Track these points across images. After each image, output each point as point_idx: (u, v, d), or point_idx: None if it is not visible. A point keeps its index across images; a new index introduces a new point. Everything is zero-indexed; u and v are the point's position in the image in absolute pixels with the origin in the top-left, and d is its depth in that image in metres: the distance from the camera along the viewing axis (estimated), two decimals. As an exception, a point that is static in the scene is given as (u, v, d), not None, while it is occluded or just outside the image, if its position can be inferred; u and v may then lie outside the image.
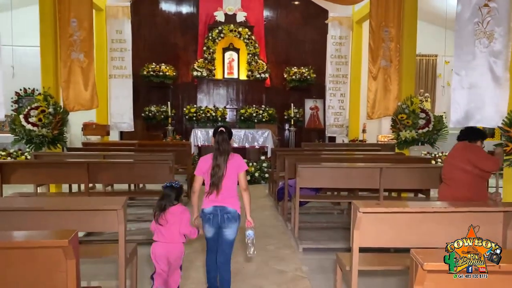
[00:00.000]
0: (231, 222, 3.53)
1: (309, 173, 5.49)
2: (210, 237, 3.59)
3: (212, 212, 3.52)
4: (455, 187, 3.83)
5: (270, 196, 8.54)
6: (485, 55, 4.90)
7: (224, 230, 3.53)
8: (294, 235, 5.61)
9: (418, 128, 7.61)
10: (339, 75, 11.37)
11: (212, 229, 3.55)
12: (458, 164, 3.82)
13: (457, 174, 3.82)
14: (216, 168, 3.45)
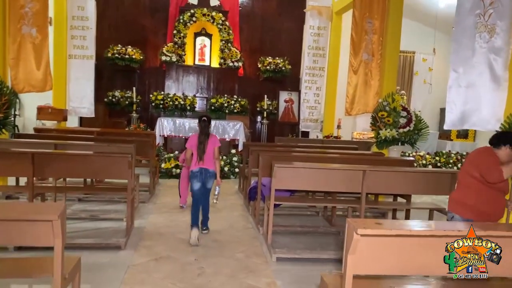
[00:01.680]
0: (210, 178, 5.23)
1: (287, 174, 4.94)
2: (197, 189, 5.21)
3: (198, 171, 5.17)
4: (464, 193, 3.49)
5: (240, 193, 7.96)
6: (485, 51, 4.46)
7: (206, 183, 5.22)
8: (267, 242, 5.05)
9: (398, 127, 7.21)
10: (315, 68, 10.86)
11: (198, 183, 5.19)
12: (469, 168, 3.47)
13: (468, 180, 3.46)
14: (201, 145, 5.15)
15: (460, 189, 3.56)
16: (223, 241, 5.21)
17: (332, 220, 6.05)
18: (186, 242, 5.05)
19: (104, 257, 4.46)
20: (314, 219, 6.41)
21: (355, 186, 5.07)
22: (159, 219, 6.04)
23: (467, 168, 3.49)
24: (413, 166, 6.14)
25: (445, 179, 5.13)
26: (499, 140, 3.42)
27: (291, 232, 5.63)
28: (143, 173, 8.61)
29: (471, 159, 3.51)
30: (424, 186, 5.15)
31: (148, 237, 5.21)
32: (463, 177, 3.51)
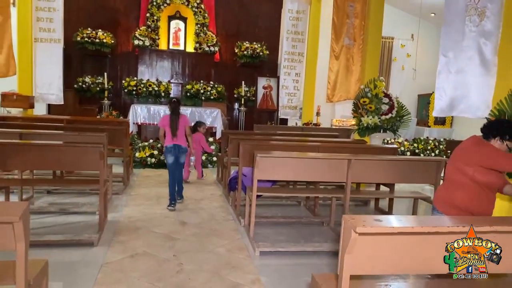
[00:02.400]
0: (183, 153, 5.97)
1: (269, 164, 4.71)
2: (171, 162, 5.95)
3: (172, 147, 5.88)
4: (453, 192, 3.08)
5: (219, 184, 7.70)
6: (474, 35, 4.31)
7: (179, 158, 5.96)
8: (249, 235, 4.83)
9: (380, 114, 7.07)
10: (294, 53, 10.60)
11: (172, 157, 5.91)
12: (460, 165, 3.03)
13: (458, 178, 3.04)
14: (173, 123, 5.84)
15: (448, 187, 3.14)
16: (203, 234, 4.96)
17: (315, 210, 5.88)
18: (164, 237, 4.78)
19: (75, 255, 4.15)
20: (296, 209, 6.24)
21: (339, 176, 4.89)
22: (134, 212, 5.73)
23: (457, 164, 3.05)
24: (396, 154, 6.01)
25: (431, 167, 5.01)
26: (490, 131, 3.01)
27: (273, 223, 5.44)
28: (117, 163, 8.24)
29: (462, 155, 3.04)
30: (410, 175, 5.01)
31: (122, 231, 4.91)
32: (453, 174, 3.09)
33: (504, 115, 4.14)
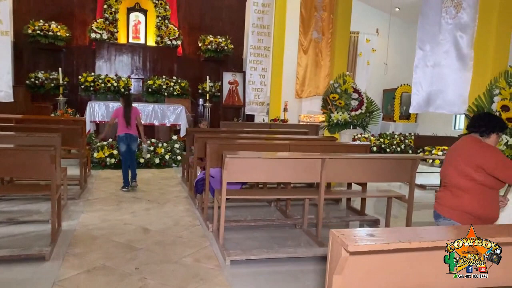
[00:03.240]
0: (134, 142, 6.69)
1: (240, 165, 4.38)
2: (124, 150, 6.62)
3: (124, 136, 6.56)
4: (462, 198, 2.87)
5: (184, 184, 7.31)
6: (451, 28, 4.15)
7: (131, 145, 6.64)
8: (218, 242, 4.50)
9: (350, 110, 6.89)
10: (260, 47, 10.29)
11: (125, 146, 6.60)
12: (463, 168, 2.84)
13: (463, 182, 2.86)
14: (127, 114, 6.53)
15: (455, 192, 2.93)
16: (168, 242, 4.58)
17: (287, 211, 5.62)
18: (125, 247, 4.38)
19: (23, 272, 3.69)
20: (266, 211, 5.95)
21: (313, 176, 4.64)
22: (92, 219, 5.28)
23: (460, 168, 2.87)
24: (369, 151, 5.84)
25: (406, 165, 4.84)
26: (488, 127, 2.89)
27: (243, 227, 5.13)
28: (73, 164, 7.70)
29: (466, 159, 2.86)
30: (385, 173, 4.82)
31: (78, 242, 4.46)
32: (456, 178, 2.90)
33: (482, 110, 4.00)
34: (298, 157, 4.55)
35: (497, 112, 3.92)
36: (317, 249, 4.40)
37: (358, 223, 5.66)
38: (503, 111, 3.86)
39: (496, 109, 3.91)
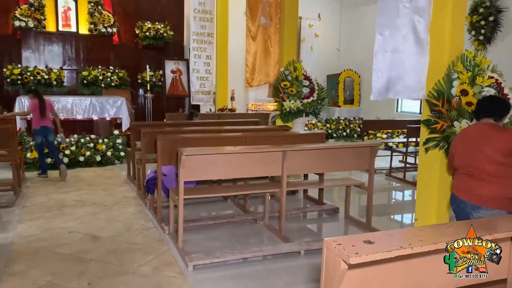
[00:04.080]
0: (50, 133, 6.95)
1: (197, 163, 4.08)
2: (39, 142, 6.94)
3: (40, 129, 6.85)
4: (504, 186, 2.83)
5: (130, 183, 6.84)
6: (408, 12, 4.07)
7: (47, 137, 6.91)
8: (177, 246, 4.19)
9: (302, 98, 6.76)
10: (204, 34, 9.86)
11: (40, 138, 6.90)
12: (494, 155, 2.81)
13: (495, 168, 2.83)
14: (42, 107, 6.81)
15: (489, 181, 2.86)
16: (122, 250, 4.20)
17: (246, 206, 5.39)
18: (73, 259, 3.95)
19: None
20: (223, 206, 5.69)
21: (274, 169, 4.44)
22: (31, 229, 4.74)
23: (493, 156, 2.83)
24: (324, 139, 5.74)
25: (365, 153, 4.79)
26: (503, 111, 3.00)
27: (201, 227, 4.83)
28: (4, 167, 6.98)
29: (495, 146, 2.83)
30: (345, 162, 4.74)
31: (18, 258, 3.96)
32: (491, 167, 2.85)
33: (442, 96, 3.98)
34: (259, 150, 4.32)
35: (457, 97, 3.91)
36: (283, 245, 4.23)
37: (317, 213, 5.57)
38: (462, 95, 3.86)
39: (456, 94, 3.90)
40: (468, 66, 3.94)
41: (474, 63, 3.90)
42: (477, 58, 3.94)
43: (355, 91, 12.97)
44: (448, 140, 3.88)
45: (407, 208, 6.30)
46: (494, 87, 3.85)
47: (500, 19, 8.59)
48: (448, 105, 3.92)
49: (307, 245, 4.20)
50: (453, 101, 3.91)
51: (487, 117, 3.02)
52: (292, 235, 4.58)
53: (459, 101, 3.88)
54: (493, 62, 3.96)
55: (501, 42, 8.62)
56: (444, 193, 4.32)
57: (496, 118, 3.02)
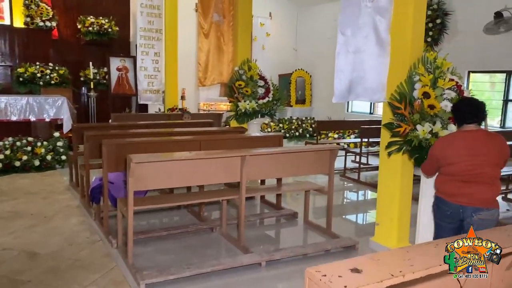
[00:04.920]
0: None
1: (149, 170, 3.73)
2: None
3: None
4: (498, 185, 3.04)
5: (73, 190, 6.30)
6: (370, 11, 3.95)
7: None
8: (127, 262, 3.81)
9: (258, 98, 6.53)
10: (152, 30, 9.37)
11: None
12: (497, 161, 2.99)
13: (497, 171, 3.02)
14: None
15: (493, 183, 3.01)
16: (63, 268, 3.77)
17: (201, 215, 5.08)
18: (7, 281, 3.49)
19: None
20: (176, 215, 5.33)
21: (232, 175, 4.18)
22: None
23: (496, 162, 3.00)
24: (282, 141, 5.55)
25: (325, 156, 4.63)
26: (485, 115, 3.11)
27: (152, 238, 4.47)
28: None
29: (498, 152, 2.99)
30: (306, 166, 4.56)
31: None
32: (495, 172, 3.00)
33: (404, 98, 3.88)
34: (217, 156, 4.03)
35: (419, 100, 3.82)
36: (243, 256, 3.97)
37: (275, 219, 5.35)
38: (424, 98, 3.76)
39: (418, 96, 3.80)
40: (429, 68, 3.87)
41: (435, 65, 3.84)
42: (437, 60, 3.87)
43: (306, 91, 12.95)
44: (411, 144, 3.77)
45: (365, 210, 6.27)
46: (455, 89, 3.79)
47: (447, 22, 8.82)
48: (411, 108, 3.83)
49: (268, 256, 3.97)
50: (415, 104, 3.82)
51: (474, 123, 3.03)
52: (251, 244, 4.34)
53: (422, 104, 3.79)
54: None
55: (448, 44, 8.86)
56: (406, 197, 4.26)
57: (480, 123, 3.08)
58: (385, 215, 4.32)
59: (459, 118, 3.12)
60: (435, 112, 3.72)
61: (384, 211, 4.35)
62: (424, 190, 3.93)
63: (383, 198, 4.38)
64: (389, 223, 4.29)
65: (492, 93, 8.72)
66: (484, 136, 3.05)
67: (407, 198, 4.26)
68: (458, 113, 3.14)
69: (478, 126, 3.07)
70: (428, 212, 3.72)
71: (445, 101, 3.64)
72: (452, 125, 3.57)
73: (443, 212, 3.11)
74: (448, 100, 3.63)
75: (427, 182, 3.87)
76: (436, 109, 3.70)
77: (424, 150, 3.60)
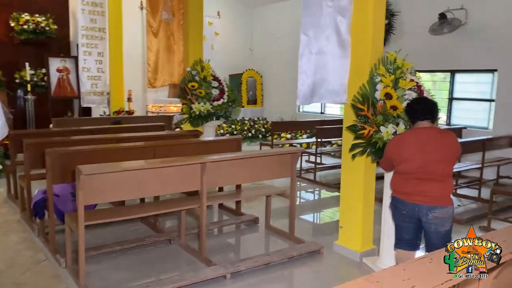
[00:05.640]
0: None
1: (100, 183, 3.41)
2: None
3: None
4: (451, 181, 3.10)
5: (12, 202, 5.75)
6: (331, 11, 3.85)
7: None
8: (79, 282, 3.47)
9: (212, 100, 6.30)
10: (94, 28, 8.81)
11: None
12: (450, 158, 3.02)
13: (450, 169, 3.05)
14: None
15: (446, 181, 3.04)
16: (4, 296, 3.36)
17: (157, 225, 4.78)
18: None
19: None
20: (130, 226, 4.96)
21: (192, 184, 3.95)
22: None
23: (449, 159, 3.03)
24: (241, 144, 5.37)
25: (287, 160, 4.51)
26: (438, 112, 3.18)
27: (106, 254, 4.12)
28: None
29: (451, 150, 3.02)
30: (268, 171, 4.43)
31: None
32: (449, 169, 3.05)
33: (367, 100, 3.83)
34: (174, 164, 3.77)
35: (381, 101, 3.78)
36: (206, 270, 3.74)
37: (236, 226, 5.15)
38: (387, 99, 3.73)
39: (380, 97, 3.76)
40: (390, 68, 3.83)
41: (395, 66, 3.80)
42: (398, 60, 3.84)
43: (257, 91, 12.84)
44: (375, 146, 3.72)
45: (324, 210, 6.22)
46: (415, 90, 3.78)
47: (393, 23, 9.02)
48: (373, 110, 3.78)
49: (232, 267, 3.78)
50: (378, 105, 3.77)
51: (427, 120, 3.06)
52: (213, 254, 4.13)
53: (384, 105, 3.75)
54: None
55: (394, 44, 9.02)
56: (369, 198, 4.22)
57: (434, 120, 3.10)
58: (349, 218, 4.26)
59: (412, 115, 3.16)
60: (398, 113, 3.71)
61: (347, 214, 4.29)
62: (389, 190, 3.85)
63: (346, 201, 4.31)
64: (353, 225, 4.23)
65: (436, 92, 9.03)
66: (437, 133, 3.07)
67: (371, 200, 4.23)
68: (411, 111, 3.17)
69: (431, 123, 3.09)
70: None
71: (406, 101, 3.61)
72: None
73: (400, 212, 3.14)
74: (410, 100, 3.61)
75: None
76: (399, 110, 3.68)
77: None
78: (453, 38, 7.76)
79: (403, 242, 3.19)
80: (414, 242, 3.17)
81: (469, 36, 7.58)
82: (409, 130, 3.29)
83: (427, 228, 3.04)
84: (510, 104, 7.15)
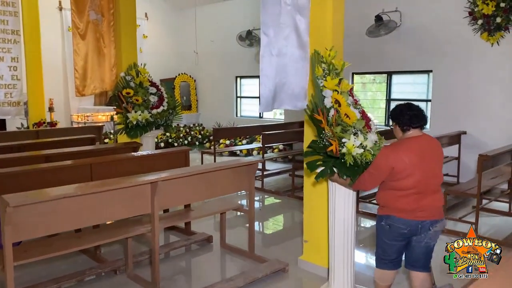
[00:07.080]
0: None
1: (31, 215, 2.80)
2: None
3: None
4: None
5: None
6: (290, 9, 3.55)
7: None
8: None
9: (151, 108, 5.76)
10: (7, 31, 7.75)
11: None
12: (440, 167, 2.85)
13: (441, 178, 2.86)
14: None
15: (440, 190, 2.86)
16: None
17: (98, 255, 4.16)
18: None
19: None
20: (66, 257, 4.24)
21: (141, 207, 3.45)
22: None
23: (441, 166, 2.88)
24: (189, 155, 4.92)
25: (243, 173, 4.15)
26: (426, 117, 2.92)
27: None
28: None
29: (441, 159, 2.87)
30: (226, 185, 4.05)
31: None
32: (440, 176, 2.85)
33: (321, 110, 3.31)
34: (120, 186, 3.24)
35: (333, 109, 3.29)
36: (164, 305, 3.26)
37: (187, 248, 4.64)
38: (338, 106, 3.22)
39: (331, 105, 3.23)
40: (325, 69, 3.37)
41: (329, 63, 3.26)
42: (334, 60, 3.28)
43: (192, 96, 12.30)
44: (345, 164, 3.03)
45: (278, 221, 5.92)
46: (348, 93, 3.32)
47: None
48: (328, 120, 3.14)
49: (194, 299, 3.33)
50: (331, 115, 3.13)
51: (419, 127, 2.82)
52: (167, 284, 3.64)
53: (338, 114, 3.09)
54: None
55: (331, 47, 9.05)
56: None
57: (423, 127, 2.87)
58: (314, 231, 3.99)
59: (404, 122, 2.79)
60: (353, 121, 3.05)
61: (312, 228, 4.02)
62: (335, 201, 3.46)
63: (310, 215, 4.04)
64: (317, 239, 3.97)
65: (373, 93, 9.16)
66: (429, 141, 2.86)
67: (337, 211, 3.97)
68: (403, 117, 2.80)
69: (421, 131, 2.85)
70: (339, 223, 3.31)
71: (351, 107, 3.10)
72: (372, 135, 3.04)
73: (398, 231, 2.76)
74: (353, 106, 3.12)
75: (337, 193, 3.40)
76: (354, 119, 3.04)
77: (361, 167, 3.00)
78: (390, 40, 7.88)
79: (388, 261, 2.88)
80: (399, 260, 2.91)
81: (405, 38, 7.73)
82: (402, 140, 2.85)
83: (417, 243, 2.78)
84: (445, 104, 7.38)
